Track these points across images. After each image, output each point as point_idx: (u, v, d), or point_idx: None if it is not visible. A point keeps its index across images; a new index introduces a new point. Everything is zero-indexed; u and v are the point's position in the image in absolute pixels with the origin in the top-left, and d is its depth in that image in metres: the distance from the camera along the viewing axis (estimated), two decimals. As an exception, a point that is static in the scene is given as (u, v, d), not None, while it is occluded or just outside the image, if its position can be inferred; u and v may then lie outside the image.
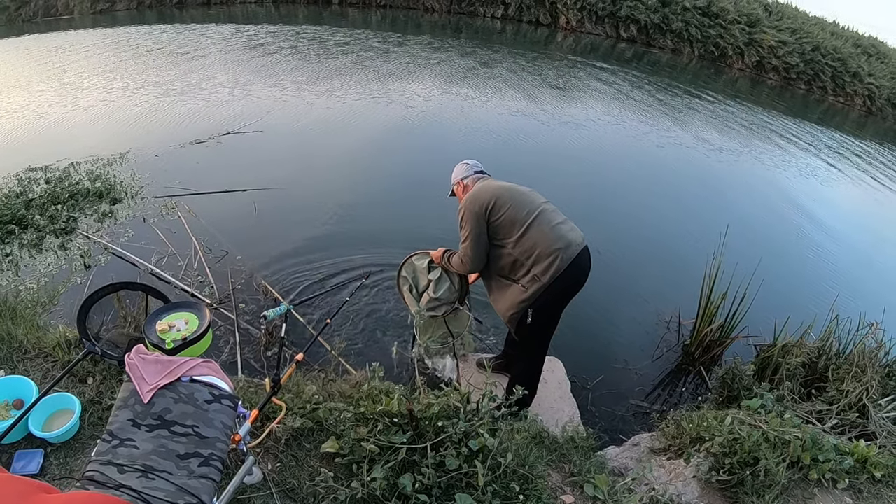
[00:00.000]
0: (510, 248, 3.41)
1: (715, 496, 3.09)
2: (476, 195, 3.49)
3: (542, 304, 3.43)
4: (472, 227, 3.44)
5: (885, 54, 22.99)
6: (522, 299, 3.41)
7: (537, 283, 3.35)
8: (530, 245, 3.35)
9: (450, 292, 4.00)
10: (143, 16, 16.69)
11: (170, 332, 2.31)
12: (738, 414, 3.44)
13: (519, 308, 3.45)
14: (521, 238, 3.38)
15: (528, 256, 3.36)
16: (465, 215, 3.46)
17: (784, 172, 11.16)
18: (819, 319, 4.92)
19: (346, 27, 17.09)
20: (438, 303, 4.00)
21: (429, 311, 4.05)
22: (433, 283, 4.00)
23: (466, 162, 3.91)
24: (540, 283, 3.34)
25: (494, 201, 3.42)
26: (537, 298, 3.38)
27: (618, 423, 4.41)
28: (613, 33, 21.64)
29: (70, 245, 5.30)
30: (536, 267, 3.34)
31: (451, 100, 11.46)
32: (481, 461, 2.50)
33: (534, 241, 3.35)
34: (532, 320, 3.48)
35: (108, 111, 8.74)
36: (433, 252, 3.97)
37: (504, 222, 3.41)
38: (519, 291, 3.42)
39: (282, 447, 2.66)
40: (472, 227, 3.44)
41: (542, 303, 3.41)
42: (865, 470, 3.35)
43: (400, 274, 4.18)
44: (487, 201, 3.42)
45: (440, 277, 3.99)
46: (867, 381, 4.20)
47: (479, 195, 3.48)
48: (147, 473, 1.75)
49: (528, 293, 3.38)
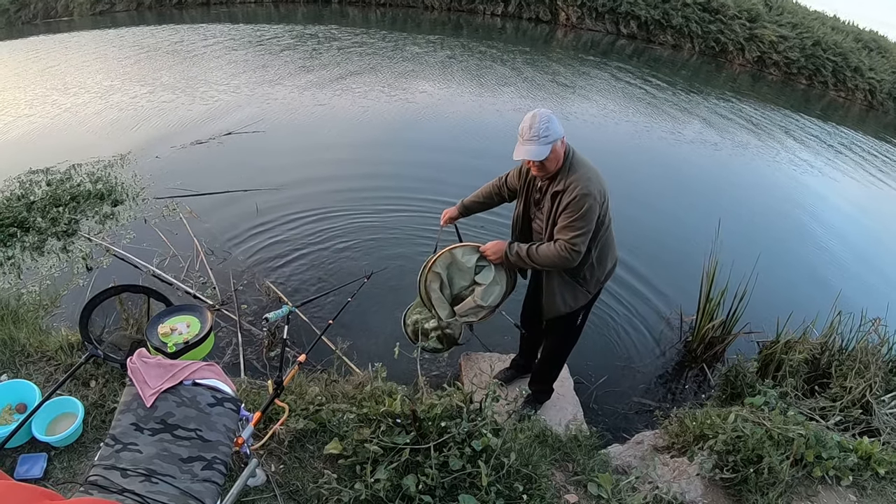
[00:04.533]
0: (592, 250, 3.15)
1: (719, 494, 3.08)
2: (598, 178, 3.01)
3: (591, 307, 3.49)
4: (591, 220, 2.97)
5: (886, 48, 22.99)
6: (586, 303, 3.39)
7: (598, 287, 3.36)
8: (607, 250, 3.26)
9: (497, 298, 3.49)
10: (142, 16, 16.72)
11: (172, 336, 2.32)
12: (741, 411, 3.45)
13: (579, 309, 3.41)
14: (604, 240, 3.19)
15: (601, 260, 3.25)
16: (590, 204, 2.92)
17: (784, 168, 11.14)
18: (822, 316, 4.90)
19: (347, 26, 17.10)
20: (482, 311, 3.49)
21: (464, 317, 3.50)
22: (483, 288, 3.42)
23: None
24: (599, 287, 3.36)
25: (607, 193, 3.08)
26: (592, 301, 3.42)
27: (621, 421, 4.40)
28: (614, 29, 21.64)
29: (72, 247, 5.30)
30: (602, 271, 3.29)
31: (453, 97, 11.48)
32: (485, 461, 2.50)
33: (610, 246, 3.28)
34: (581, 322, 3.52)
35: (109, 112, 8.74)
36: (486, 246, 3.39)
37: (605, 220, 3.12)
38: (584, 295, 3.33)
39: (285, 449, 2.66)
40: (591, 220, 2.97)
41: (592, 306, 3.48)
42: (869, 467, 3.35)
43: (430, 269, 3.45)
44: (606, 191, 3.05)
45: (493, 280, 3.43)
46: (870, 378, 4.19)
47: (601, 180, 3.02)
48: (150, 477, 1.75)
49: (591, 297, 3.38)
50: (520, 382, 4.15)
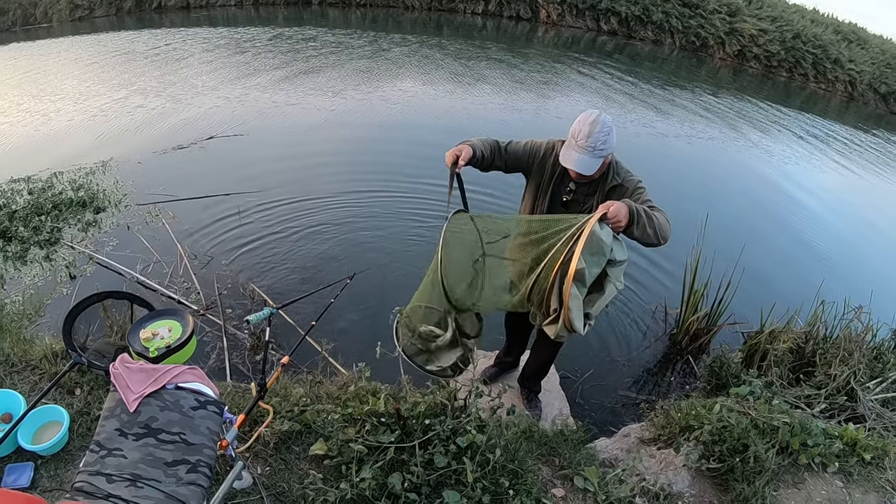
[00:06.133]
0: None
1: (706, 484, 3.12)
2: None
3: None
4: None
5: (866, 40, 23.25)
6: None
7: None
8: None
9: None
10: (122, 21, 16.61)
11: (153, 341, 2.33)
12: (726, 401, 3.48)
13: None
14: None
15: None
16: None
17: (766, 160, 11.25)
18: (805, 305, 4.98)
19: (327, 27, 17.08)
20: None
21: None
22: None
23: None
24: None
25: None
26: None
27: (607, 414, 4.43)
28: (594, 26, 21.76)
29: (55, 256, 5.27)
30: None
31: (434, 96, 11.50)
32: (470, 458, 2.52)
33: None
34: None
35: (90, 119, 8.69)
36: (615, 208, 2.48)
37: None
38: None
39: (270, 451, 2.67)
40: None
41: None
42: (855, 453, 3.39)
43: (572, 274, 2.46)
44: None
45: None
46: (854, 364, 4.25)
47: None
48: (136, 482, 1.76)
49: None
50: (504, 378, 4.15)
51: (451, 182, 2.75)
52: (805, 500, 3.10)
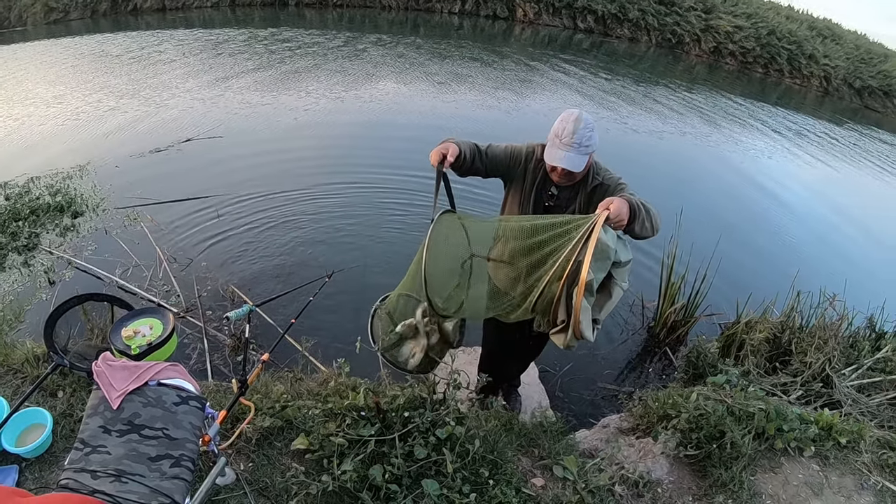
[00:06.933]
0: None
1: (684, 471, 3.18)
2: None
3: None
4: None
5: (840, 35, 23.64)
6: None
7: None
8: None
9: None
10: (97, 24, 16.43)
11: (135, 338, 2.35)
12: (703, 390, 3.53)
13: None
14: None
15: None
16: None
17: (741, 154, 11.41)
18: (781, 295, 5.05)
19: (304, 28, 17.05)
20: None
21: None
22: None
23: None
24: None
25: None
26: None
27: (587, 406, 4.49)
28: (571, 24, 21.92)
29: (33, 262, 5.24)
30: None
31: (411, 96, 11.53)
32: (449, 449, 2.56)
33: None
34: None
35: (66, 123, 8.61)
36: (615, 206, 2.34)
37: None
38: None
39: (253, 447, 2.69)
40: None
41: None
42: (831, 437, 3.45)
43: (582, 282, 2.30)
44: None
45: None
46: (829, 352, 4.32)
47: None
48: (120, 477, 1.78)
49: None
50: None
51: (438, 182, 2.60)
52: (782, 483, 3.16)
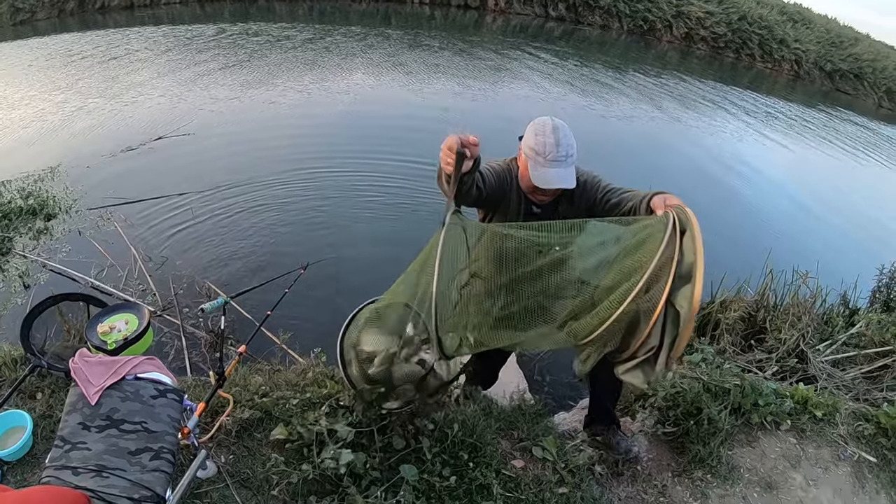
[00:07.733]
0: None
1: (663, 448, 3.27)
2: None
3: None
4: None
5: (811, 20, 23.94)
6: None
7: None
8: None
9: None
10: (65, 24, 16.10)
11: (111, 334, 2.38)
12: (679, 368, 3.61)
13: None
14: None
15: None
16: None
17: (712, 136, 11.57)
18: (755, 275, 5.16)
19: (273, 21, 16.90)
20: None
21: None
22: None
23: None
24: None
25: None
26: None
27: (565, 389, 4.55)
28: (542, 12, 21.93)
29: (7, 266, 5.19)
30: None
31: (386, 88, 11.55)
32: (426, 436, 2.62)
33: None
34: None
35: (35, 124, 8.46)
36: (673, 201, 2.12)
37: None
38: None
39: (233, 439, 2.72)
40: None
41: None
42: (807, 411, 3.55)
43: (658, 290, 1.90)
44: None
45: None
46: (803, 328, 4.43)
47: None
48: (101, 473, 1.82)
49: None
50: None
51: (458, 174, 2.03)
52: (760, 456, 3.25)
